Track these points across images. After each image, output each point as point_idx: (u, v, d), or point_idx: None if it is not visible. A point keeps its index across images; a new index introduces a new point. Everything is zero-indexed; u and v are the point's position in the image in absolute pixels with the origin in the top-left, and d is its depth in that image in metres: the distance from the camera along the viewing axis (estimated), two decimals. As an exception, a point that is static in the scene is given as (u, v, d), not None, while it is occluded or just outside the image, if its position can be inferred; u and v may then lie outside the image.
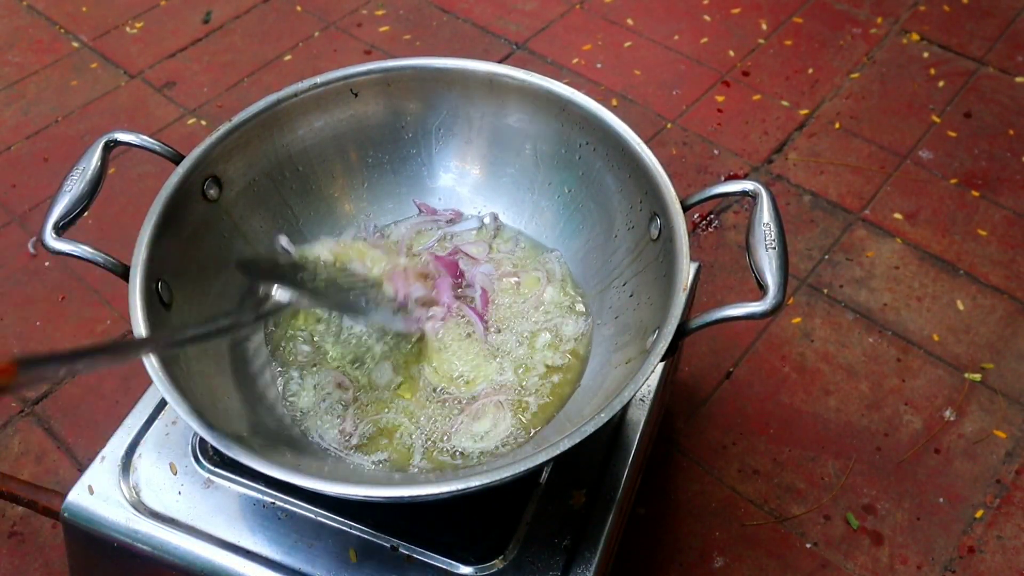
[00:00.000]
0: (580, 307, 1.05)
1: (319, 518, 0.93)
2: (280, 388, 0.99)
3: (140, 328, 0.83)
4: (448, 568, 0.89)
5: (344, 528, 0.92)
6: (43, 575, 1.29)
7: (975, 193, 1.77)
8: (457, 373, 0.99)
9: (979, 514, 1.33)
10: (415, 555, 0.90)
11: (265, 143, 1.04)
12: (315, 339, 1.02)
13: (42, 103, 1.99)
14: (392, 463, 0.93)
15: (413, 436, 0.95)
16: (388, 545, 0.91)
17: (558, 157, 1.08)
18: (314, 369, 1.00)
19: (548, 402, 0.98)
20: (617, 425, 1.02)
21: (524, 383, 0.99)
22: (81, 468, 1.32)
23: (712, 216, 1.74)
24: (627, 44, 2.10)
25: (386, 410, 0.97)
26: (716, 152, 1.86)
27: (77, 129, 1.93)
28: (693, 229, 1.71)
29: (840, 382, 1.49)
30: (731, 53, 2.08)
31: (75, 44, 2.13)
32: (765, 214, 0.88)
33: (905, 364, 1.51)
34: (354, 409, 0.97)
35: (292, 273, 0.93)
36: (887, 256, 1.66)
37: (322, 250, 0.99)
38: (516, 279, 1.08)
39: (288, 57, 2.09)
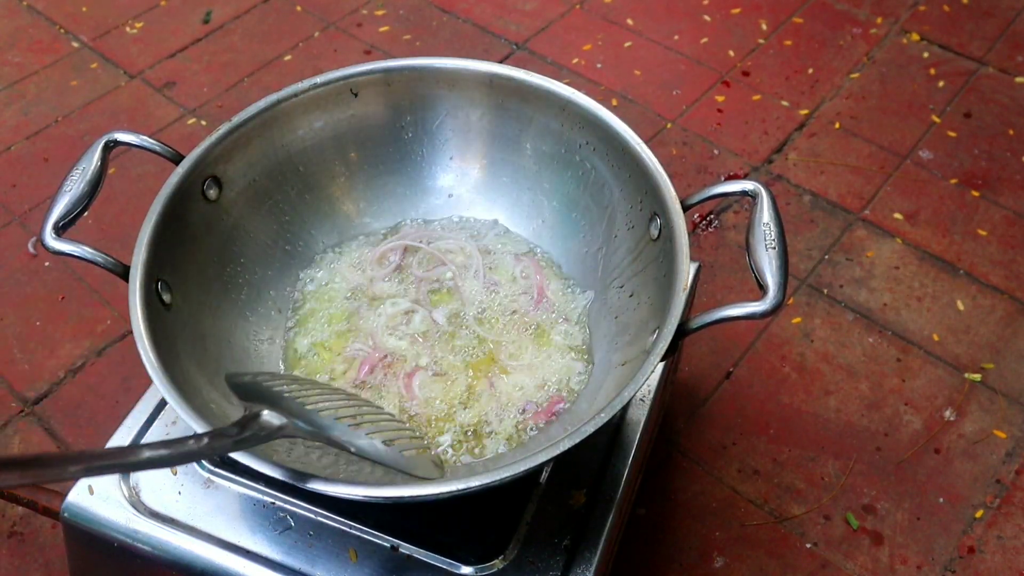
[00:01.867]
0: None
1: (319, 518, 0.93)
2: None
3: (140, 328, 0.83)
4: (448, 568, 0.89)
5: (344, 528, 0.92)
6: (43, 575, 1.29)
7: (975, 193, 1.77)
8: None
9: (979, 514, 1.33)
10: (415, 555, 0.90)
11: (265, 143, 1.04)
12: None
13: (42, 103, 1.99)
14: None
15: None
16: (388, 545, 0.91)
17: (558, 157, 1.08)
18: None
19: None
20: (617, 425, 1.02)
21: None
22: (81, 468, 1.31)
23: (712, 216, 1.74)
24: (627, 44, 2.10)
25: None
26: (716, 152, 1.86)
27: (77, 129, 1.93)
28: (693, 229, 1.71)
29: (840, 382, 1.49)
30: (731, 53, 2.07)
31: (75, 44, 2.13)
32: (765, 214, 0.88)
33: (905, 364, 1.51)
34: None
35: (284, 393, 0.79)
36: (887, 256, 1.66)
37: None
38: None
39: (288, 57, 2.09)
